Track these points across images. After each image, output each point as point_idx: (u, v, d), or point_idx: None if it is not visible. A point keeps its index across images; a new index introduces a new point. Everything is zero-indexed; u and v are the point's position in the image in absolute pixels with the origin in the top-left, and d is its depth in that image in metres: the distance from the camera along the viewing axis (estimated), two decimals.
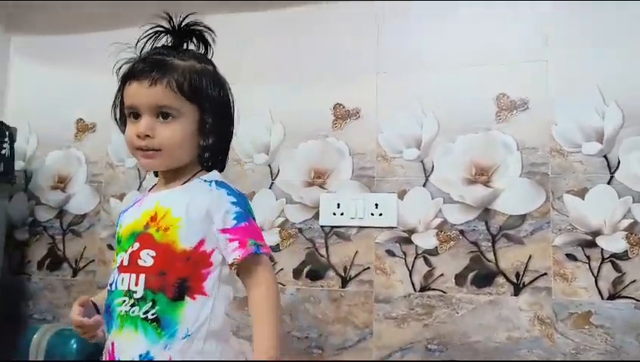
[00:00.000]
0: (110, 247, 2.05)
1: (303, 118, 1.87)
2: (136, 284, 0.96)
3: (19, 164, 2.14)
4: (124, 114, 1.05)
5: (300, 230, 1.83)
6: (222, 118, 1.06)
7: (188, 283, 0.97)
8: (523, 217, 1.62)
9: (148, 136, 0.99)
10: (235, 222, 0.99)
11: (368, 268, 1.74)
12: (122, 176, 2.08)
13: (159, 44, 1.06)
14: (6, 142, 1.91)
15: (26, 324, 2.04)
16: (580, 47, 1.63)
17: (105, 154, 2.11)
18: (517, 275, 1.61)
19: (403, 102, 1.78)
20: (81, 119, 2.17)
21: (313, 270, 1.80)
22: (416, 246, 1.71)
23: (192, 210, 0.98)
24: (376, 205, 1.75)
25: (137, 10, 2.02)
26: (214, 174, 1.07)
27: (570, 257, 1.57)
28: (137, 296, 0.96)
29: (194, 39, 1.08)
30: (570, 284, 1.56)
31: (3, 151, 1.89)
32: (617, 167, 1.56)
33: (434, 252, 1.69)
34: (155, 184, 1.11)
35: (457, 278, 1.66)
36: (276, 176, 1.88)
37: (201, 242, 0.98)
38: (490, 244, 1.64)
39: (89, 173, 2.12)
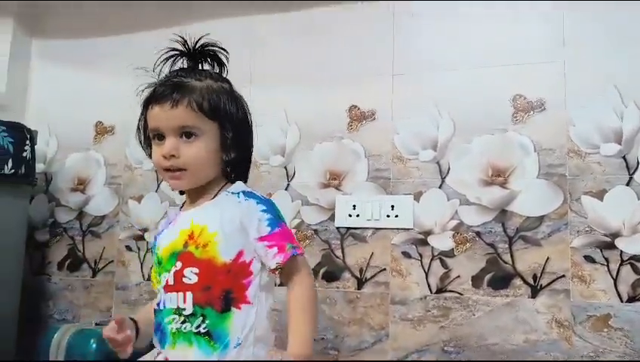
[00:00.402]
0: (129, 248, 2.07)
1: (319, 119, 1.88)
2: (184, 302, 1.01)
3: (39, 167, 2.16)
4: (149, 137, 1.10)
5: (316, 231, 1.83)
6: (241, 132, 1.10)
7: (232, 294, 1.01)
8: (540, 219, 1.61)
9: (173, 156, 1.03)
10: (269, 228, 1.04)
11: (384, 269, 1.74)
12: (140, 178, 2.10)
13: (175, 66, 1.11)
14: (27, 144, 1.93)
15: (46, 324, 2.07)
16: (597, 46, 1.62)
17: (123, 156, 2.12)
18: (534, 277, 1.59)
19: (419, 104, 1.77)
20: (100, 122, 2.19)
21: (329, 271, 1.80)
22: (433, 247, 1.71)
23: (226, 224, 1.03)
24: (392, 207, 1.75)
25: (154, 14, 2.09)
26: (239, 185, 1.11)
27: (589, 259, 1.56)
28: (187, 312, 1.01)
29: (208, 59, 1.13)
30: (589, 287, 1.54)
31: (24, 154, 1.91)
32: (636, 168, 1.55)
33: (450, 253, 1.69)
34: (184, 202, 1.15)
35: (474, 280, 1.65)
36: (292, 177, 1.89)
37: (240, 253, 1.02)
38: (507, 246, 1.64)
39: (108, 175, 2.14)
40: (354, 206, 1.79)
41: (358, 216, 1.78)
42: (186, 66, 1.11)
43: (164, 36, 2.00)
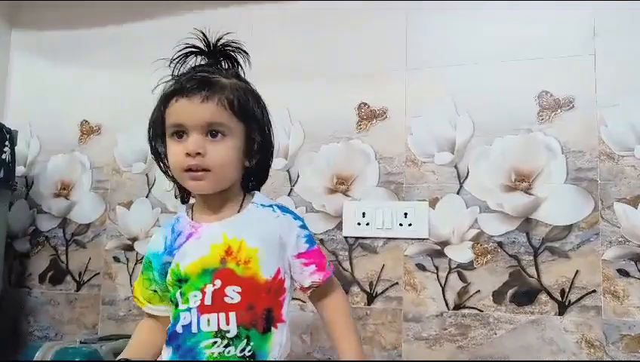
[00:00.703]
0: (117, 259, 2.07)
1: (325, 118, 1.88)
2: (227, 323, 1.02)
3: (19, 170, 2.17)
4: (161, 134, 1.10)
5: (322, 241, 1.83)
6: (266, 137, 1.12)
7: (272, 313, 1.05)
8: (569, 228, 1.62)
9: (199, 154, 1.03)
10: (307, 245, 1.11)
11: (397, 283, 1.75)
12: (129, 182, 2.10)
13: (186, 63, 1.13)
14: (6, 145, 1.92)
15: (26, 342, 2.07)
16: (630, 39, 1.62)
17: (111, 158, 2.13)
18: (562, 292, 1.60)
19: (435, 101, 1.78)
20: (85, 121, 2.19)
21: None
22: (450, 259, 1.71)
23: (266, 239, 1.07)
24: (406, 214, 1.76)
25: (144, 3, 2.11)
26: (262, 197, 1.15)
27: (622, 273, 1.56)
28: (231, 334, 1.02)
29: (227, 59, 1.15)
30: (622, 303, 1.55)
31: (3, 156, 1.91)
32: None
33: (469, 266, 1.69)
34: (191, 210, 1.14)
35: (495, 295, 1.66)
36: (295, 182, 1.90)
37: (278, 270, 1.07)
38: (531, 258, 1.64)
39: (94, 179, 2.14)
40: (363, 213, 1.80)
41: (367, 224, 1.78)
42: (203, 63, 1.13)
43: (155, 27, 2.11)
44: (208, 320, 1.03)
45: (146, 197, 2.07)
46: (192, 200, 1.17)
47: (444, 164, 1.76)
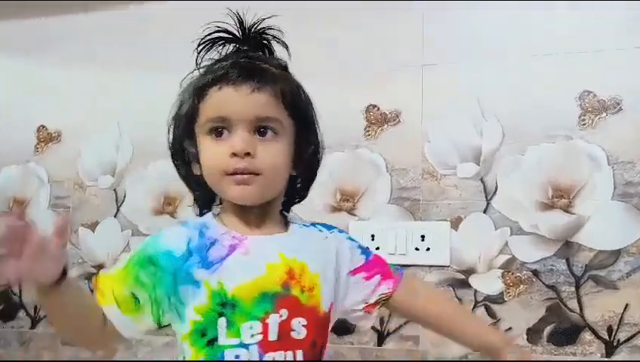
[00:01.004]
0: None
1: (327, 123, 1.79)
2: None
3: None
4: (189, 131, 1.05)
5: None
6: (316, 144, 1.12)
7: (324, 349, 1.04)
8: (617, 253, 1.60)
9: (248, 154, 0.98)
10: (364, 257, 1.11)
11: None
12: (95, 199, 2.09)
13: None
14: None
15: None
16: None
17: (73, 171, 2.12)
18: (609, 330, 1.58)
19: (456, 103, 1.77)
20: (43, 126, 2.18)
21: (341, 321, 1.73)
22: (476, 291, 1.70)
23: (324, 265, 1.04)
24: (423, 237, 1.74)
25: None
26: (291, 217, 1.13)
27: None
28: None
29: (261, 48, 1.11)
30: None
31: None
32: None
33: (499, 299, 1.68)
34: (219, 219, 1.07)
35: (530, 334, 1.64)
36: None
37: (332, 303, 1.04)
38: (572, 289, 1.63)
39: (52, 195, 2.13)
40: (372, 236, 1.77)
41: (378, 248, 1.73)
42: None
43: (126, 16, 2.10)
44: (274, 359, 0.97)
45: (115, 216, 2.06)
46: (214, 210, 1.10)
47: (469, 177, 1.75)
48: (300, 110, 1.05)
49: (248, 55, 1.06)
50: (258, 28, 1.10)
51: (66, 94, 2.15)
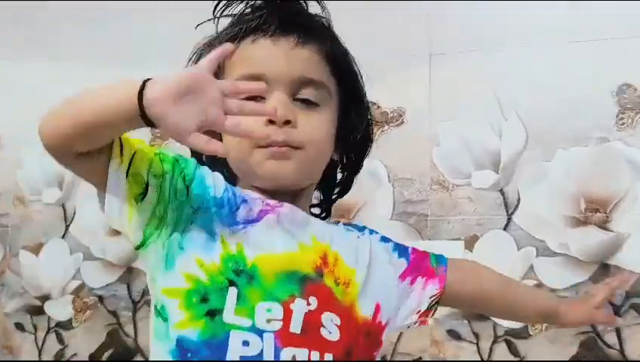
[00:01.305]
0: (19, 327, 2.04)
1: None
2: None
3: None
4: None
5: None
6: (367, 120, 1.05)
7: None
8: None
9: (288, 122, 0.91)
10: (404, 260, 1.03)
11: (419, 358, 1.74)
12: (39, 216, 2.07)
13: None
14: None
15: None
16: None
17: (13, 183, 2.11)
18: None
19: (470, 99, 1.76)
20: None
21: None
22: (495, 324, 1.69)
23: (362, 264, 0.96)
24: None
25: None
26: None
27: None
28: None
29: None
30: None
31: None
32: None
33: (523, 333, 1.67)
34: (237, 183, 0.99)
35: None
36: None
37: (377, 308, 0.95)
38: None
39: None
40: None
41: None
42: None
43: (75, 5, 2.10)
44: (294, 357, 0.85)
45: (62, 237, 2.04)
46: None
47: (486, 188, 1.74)
48: (350, 76, 1.00)
49: (289, 2, 1.00)
50: None
51: (4, 94, 2.14)
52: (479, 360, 1.68)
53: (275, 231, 0.92)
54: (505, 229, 1.70)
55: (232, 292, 0.86)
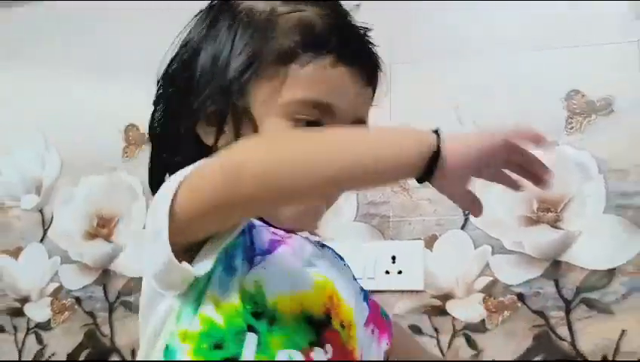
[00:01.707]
0: (0, 329, 2.05)
1: None
2: None
3: None
4: (239, 110, 0.84)
5: None
6: None
7: None
8: (611, 273, 1.60)
9: None
10: (365, 304, 0.95)
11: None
12: (17, 221, 2.08)
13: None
14: None
15: None
16: None
17: None
18: (604, 359, 1.58)
19: (430, 105, 1.77)
20: None
21: None
22: (454, 318, 1.70)
23: (355, 297, 0.90)
24: (394, 258, 1.75)
25: None
26: None
27: None
28: None
29: None
30: None
31: None
32: None
33: (480, 327, 1.68)
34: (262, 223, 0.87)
35: None
36: None
37: (361, 355, 0.87)
38: (562, 315, 1.63)
39: None
40: None
41: None
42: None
43: (51, 9, 2.07)
44: None
45: (41, 241, 2.06)
46: None
47: None
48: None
49: (364, 27, 0.90)
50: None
51: None
52: (441, 352, 1.68)
53: (290, 266, 0.83)
54: (462, 229, 1.71)
55: (251, 338, 0.75)
